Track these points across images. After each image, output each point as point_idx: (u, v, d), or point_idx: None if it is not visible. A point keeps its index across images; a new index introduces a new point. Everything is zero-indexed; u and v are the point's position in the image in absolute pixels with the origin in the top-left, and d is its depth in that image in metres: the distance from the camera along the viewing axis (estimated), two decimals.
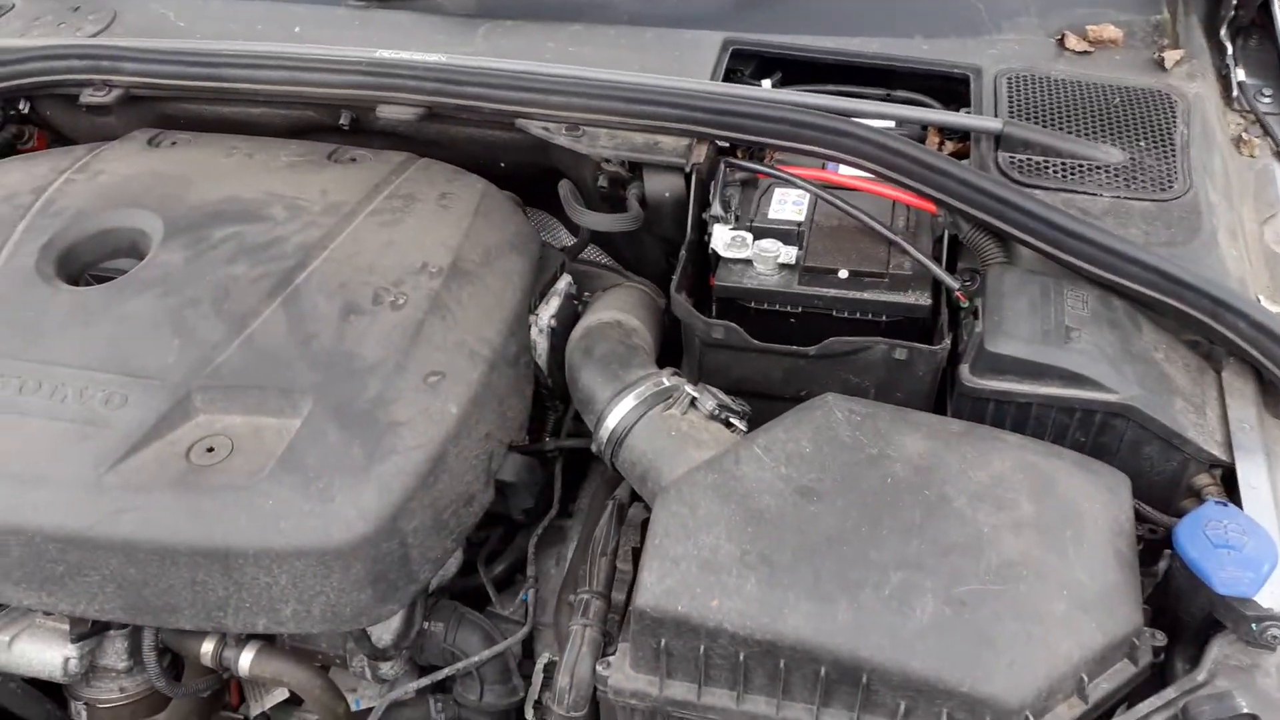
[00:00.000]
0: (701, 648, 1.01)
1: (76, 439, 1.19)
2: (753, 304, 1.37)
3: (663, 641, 1.02)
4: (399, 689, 1.24)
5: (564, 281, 1.52)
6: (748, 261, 1.38)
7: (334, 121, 1.60)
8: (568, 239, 1.74)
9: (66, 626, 1.30)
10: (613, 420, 1.22)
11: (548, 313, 1.46)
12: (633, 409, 1.21)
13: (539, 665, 1.30)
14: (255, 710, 1.35)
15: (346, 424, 1.18)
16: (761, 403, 1.30)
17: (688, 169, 1.43)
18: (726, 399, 1.20)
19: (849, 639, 0.97)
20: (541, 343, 1.44)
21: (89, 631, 1.28)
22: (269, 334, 1.27)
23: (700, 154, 1.43)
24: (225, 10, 1.75)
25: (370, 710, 1.27)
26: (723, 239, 1.37)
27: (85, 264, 1.43)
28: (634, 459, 1.20)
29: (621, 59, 1.56)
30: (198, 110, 1.66)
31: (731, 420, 1.19)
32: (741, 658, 1.00)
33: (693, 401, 1.19)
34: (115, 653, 1.32)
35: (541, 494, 1.36)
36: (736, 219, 1.41)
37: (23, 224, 1.42)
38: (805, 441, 1.13)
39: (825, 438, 1.13)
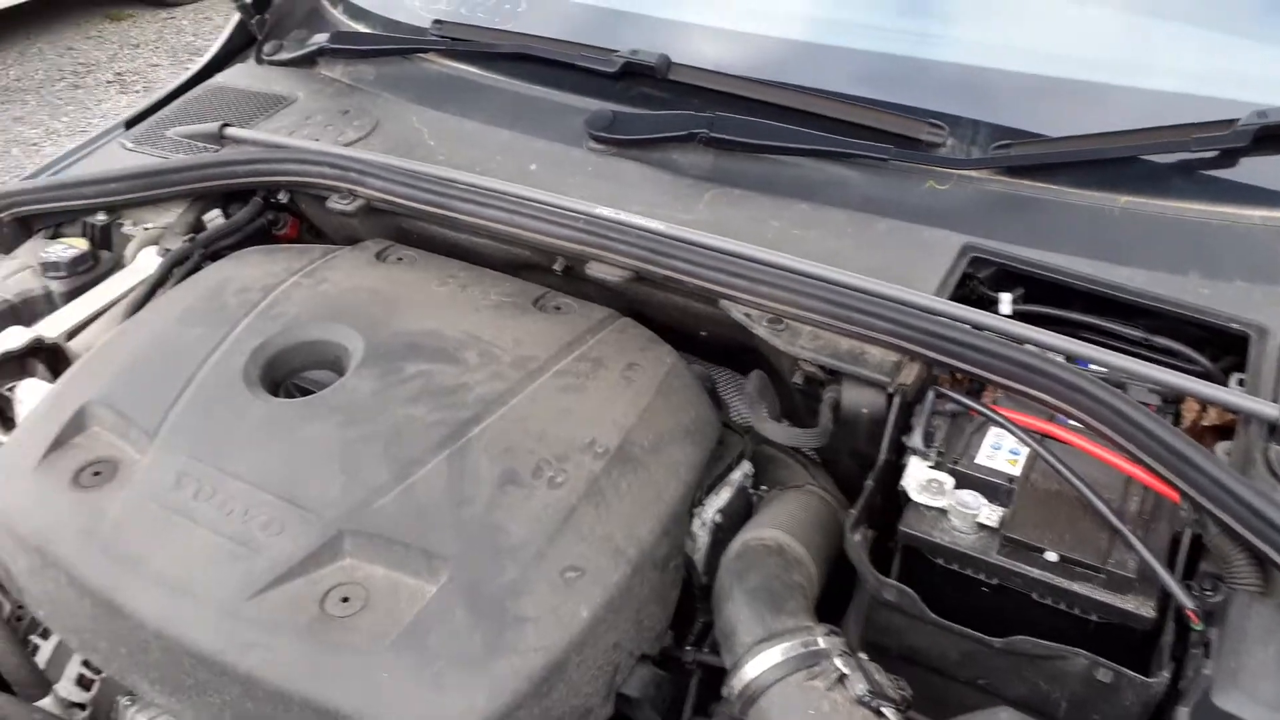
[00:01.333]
0: None
1: (230, 559, 1.22)
2: (940, 560, 1.22)
3: None
4: None
5: (740, 472, 1.43)
6: (942, 511, 1.23)
7: (549, 264, 1.61)
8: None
9: None
10: (750, 671, 1.11)
11: (715, 505, 1.38)
12: (773, 667, 1.10)
13: None
14: None
15: (475, 607, 1.15)
16: (934, 678, 1.16)
17: (892, 389, 1.31)
18: (883, 680, 1.06)
19: None
20: (703, 537, 1.35)
21: None
22: (429, 488, 1.27)
23: (909, 375, 1.31)
24: (475, 134, 1.82)
25: None
26: (917, 478, 1.24)
27: (290, 370, 1.49)
28: None
29: (843, 252, 1.47)
30: (429, 230, 1.72)
31: (883, 710, 1.05)
32: None
33: (841, 678, 1.07)
34: None
35: (669, 712, 1.27)
36: (939, 456, 1.28)
37: (245, 321, 1.51)
38: None
39: None
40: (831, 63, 1.70)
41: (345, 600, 1.18)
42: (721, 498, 1.39)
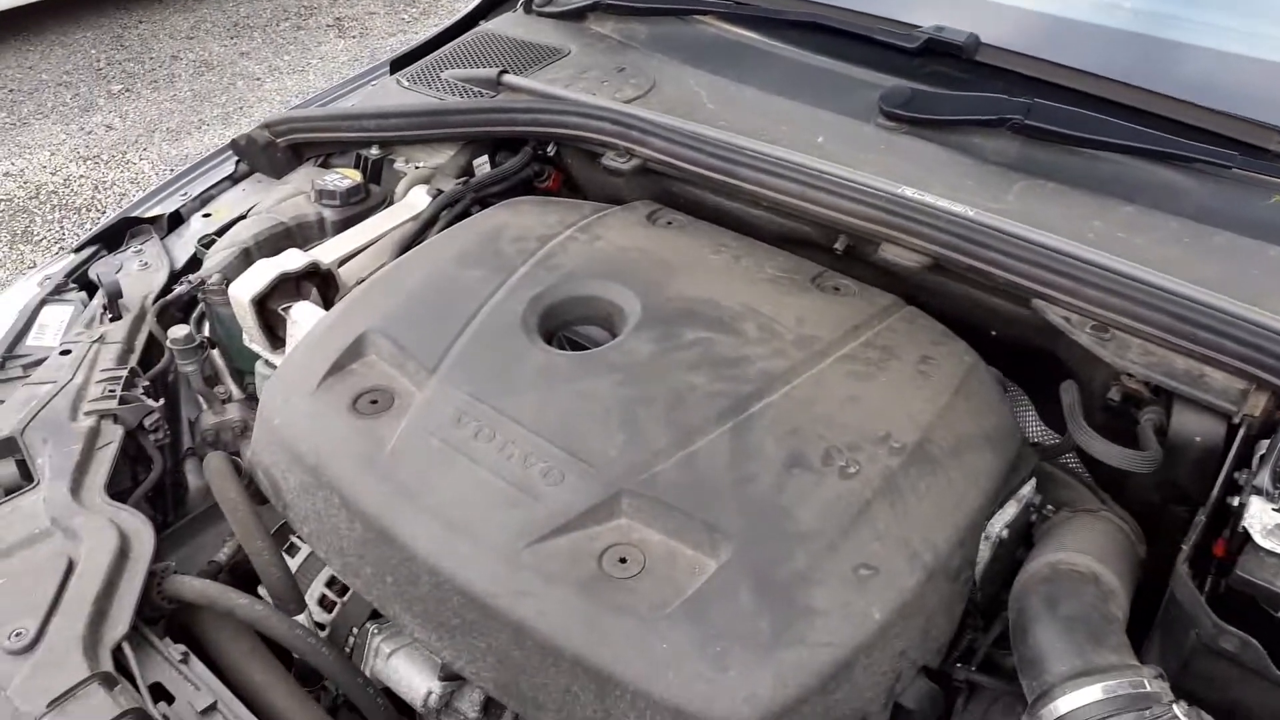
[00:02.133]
0: None
1: (509, 503, 1.20)
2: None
3: None
4: None
5: (1028, 487, 1.32)
6: None
7: (828, 243, 1.53)
8: (1035, 427, 1.53)
9: (434, 657, 1.34)
10: (1066, 704, 1.01)
11: (1002, 520, 1.27)
12: (1095, 704, 0.99)
13: None
14: None
15: (762, 590, 1.09)
16: None
17: (1237, 419, 1.17)
18: None
19: None
20: (985, 552, 1.25)
21: (458, 675, 1.31)
22: (710, 458, 1.21)
23: (1258, 405, 1.17)
24: (756, 101, 1.75)
25: None
26: (1263, 521, 1.10)
27: (563, 323, 1.47)
28: None
29: (1178, 262, 1.32)
30: (699, 195, 1.67)
31: None
32: None
33: None
34: (471, 702, 1.34)
35: None
36: None
37: (523, 269, 1.50)
38: None
39: None
40: (1165, 59, 1.54)
41: (623, 561, 1.14)
42: (1008, 513, 1.28)
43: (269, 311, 1.62)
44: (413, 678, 1.34)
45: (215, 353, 1.76)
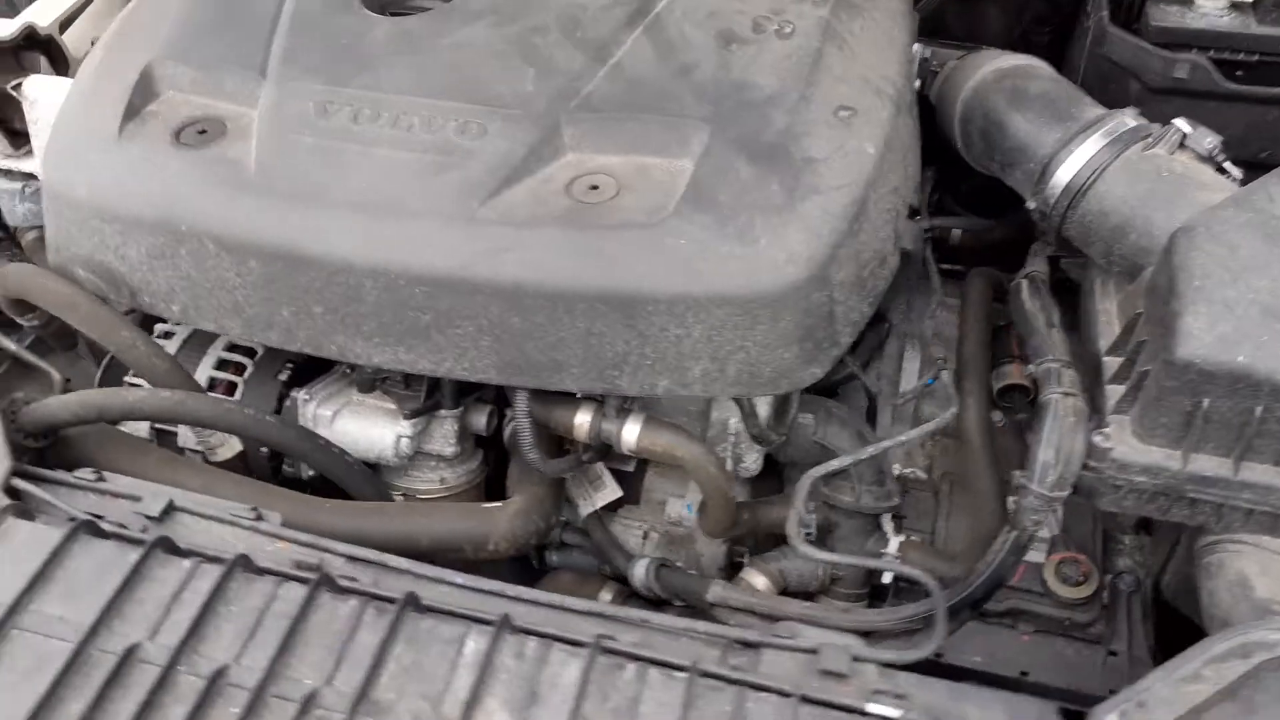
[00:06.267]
0: (1258, 409, 0.83)
1: (435, 170, 1.01)
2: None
3: (1204, 403, 0.84)
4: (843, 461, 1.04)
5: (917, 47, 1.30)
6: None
7: None
8: None
9: (390, 405, 1.16)
10: (1071, 167, 1.01)
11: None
12: (1101, 150, 1.00)
13: None
14: (585, 510, 1.21)
15: (756, 158, 1.00)
16: None
17: None
18: (1218, 139, 0.99)
19: None
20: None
21: (423, 408, 1.14)
22: (638, 63, 1.08)
23: None
24: None
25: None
26: None
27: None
28: (1106, 209, 0.99)
29: None
30: None
31: (1225, 166, 0.98)
32: None
33: (1183, 140, 0.98)
34: (443, 436, 1.18)
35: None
36: None
37: None
38: None
39: None
40: None
41: (594, 189, 1.01)
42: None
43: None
44: (369, 431, 1.15)
45: None
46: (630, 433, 1.04)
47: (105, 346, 1.08)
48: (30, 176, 1.31)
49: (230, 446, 1.14)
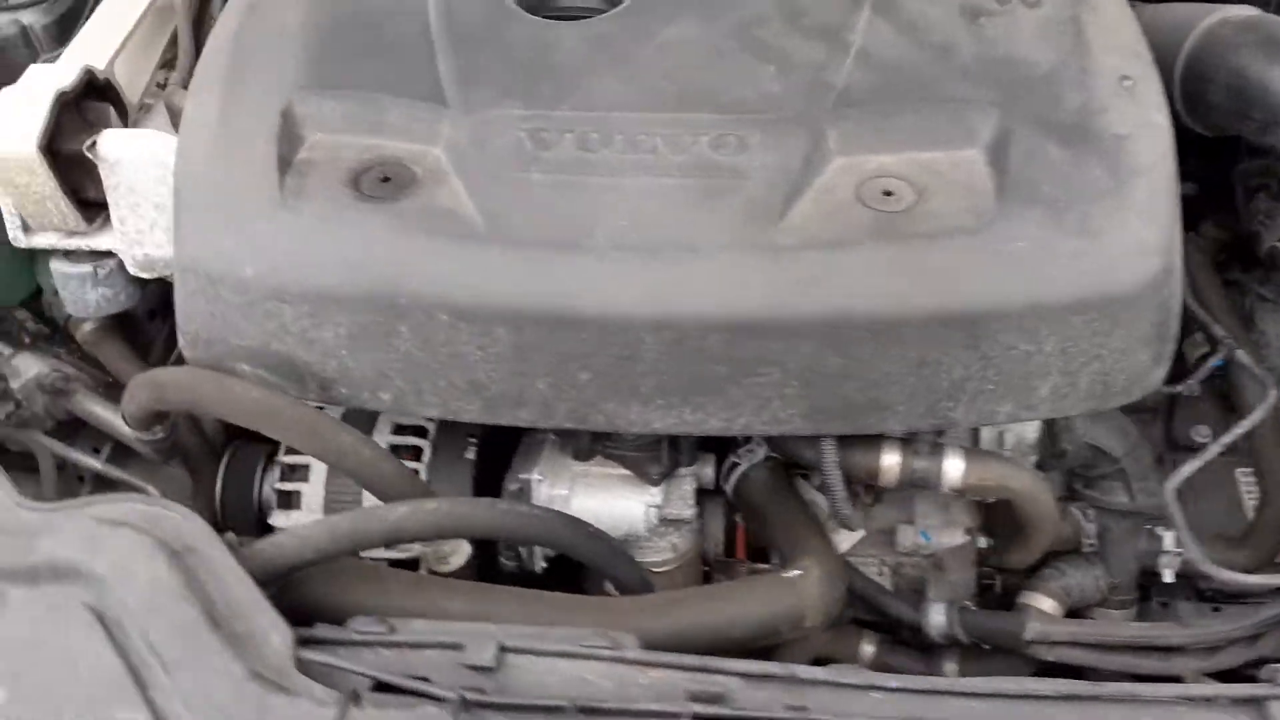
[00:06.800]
0: None
1: (706, 195, 0.86)
2: None
3: None
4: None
5: None
6: None
7: None
8: None
9: (619, 470, 1.00)
10: None
11: None
12: None
13: None
14: None
15: (1064, 141, 0.89)
16: None
17: None
18: None
19: None
20: None
21: (667, 470, 0.98)
22: (884, 47, 0.95)
23: None
24: None
25: None
26: None
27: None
28: None
29: None
30: None
31: None
32: None
33: None
34: (681, 498, 1.03)
35: None
36: None
37: None
38: None
39: None
40: None
41: (889, 194, 0.87)
42: None
43: (66, 161, 1.00)
44: (615, 506, 0.99)
45: None
46: (954, 468, 0.92)
47: (319, 456, 0.88)
48: (104, 255, 1.08)
49: (462, 553, 0.95)
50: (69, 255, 1.08)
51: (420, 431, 1.05)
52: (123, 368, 1.15)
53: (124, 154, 1.01)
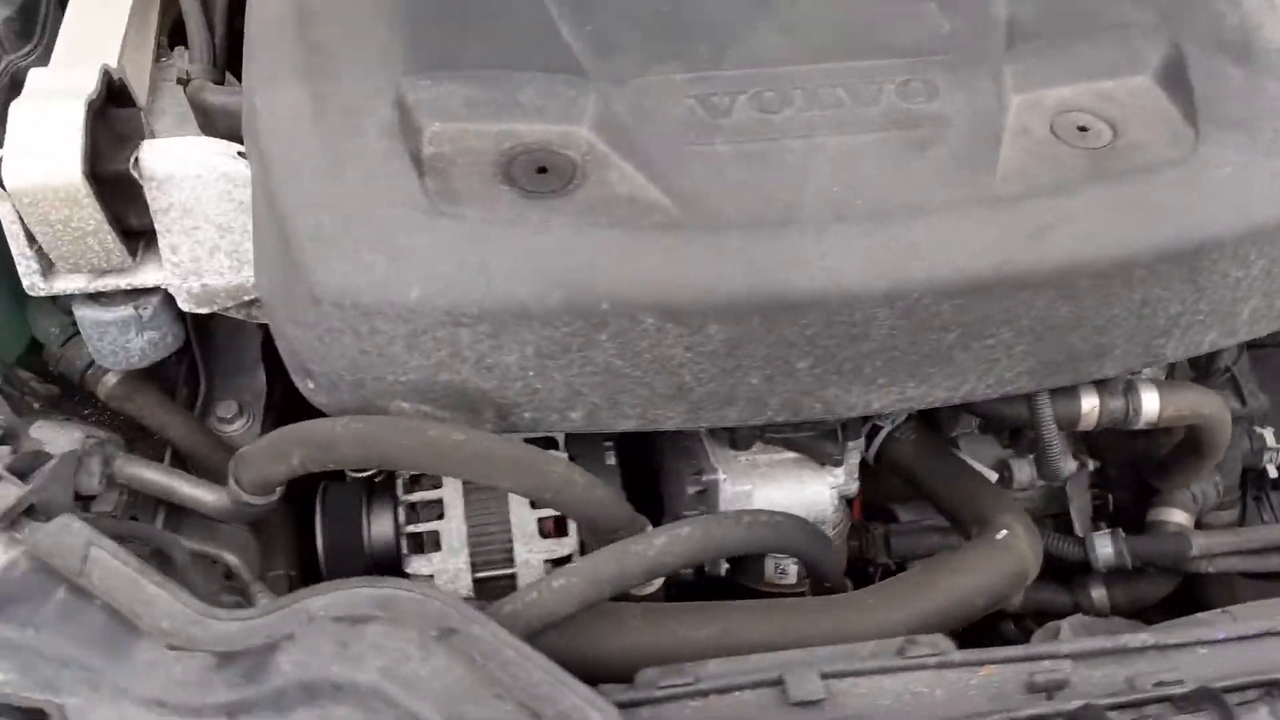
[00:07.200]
0: None
1: (913, 148, 0.80)
2: None
3: None
4: None
5: None
6: None
7: None
8: None
9: (788, 455, 0.93)
10: None
11: None
12: None
13: None
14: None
15: (1238, 59, 0.86)
16: None
17: None
18: None
19: None
20: None
21: (844, 449, 0.92)
22: None
23: None
24: None
25: None
26: None
27: None
28: None
29: None
30: None
31: None
32: None
33: None
34: (850, 473, 0.96)
35: None
36: None
37: None
38: None
39: None
40: None
41: (1082, 130, 0.83)
42: None
43: (109, 183, 0.82)
44: (801, 495, 0.92)
45: None
46: (1151, 403, 0.90)
47: (530, 494, 0.77)
48: (148, 293, 0.90)
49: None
50: (99, 299, 0.90)
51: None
52: (164, 420, 0.99)
53: (175, 169, 0.84)
